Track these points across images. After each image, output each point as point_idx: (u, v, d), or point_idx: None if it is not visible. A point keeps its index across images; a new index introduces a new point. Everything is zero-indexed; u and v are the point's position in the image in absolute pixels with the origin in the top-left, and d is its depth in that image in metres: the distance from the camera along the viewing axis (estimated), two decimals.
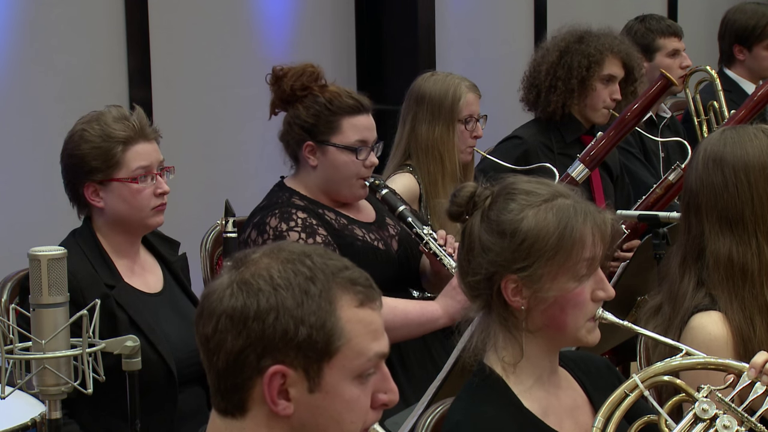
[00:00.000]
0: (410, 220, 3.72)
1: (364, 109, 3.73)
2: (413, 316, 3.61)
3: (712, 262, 2.84)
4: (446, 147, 4.31)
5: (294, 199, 3.72)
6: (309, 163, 3.72)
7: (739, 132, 2.91)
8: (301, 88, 3.70)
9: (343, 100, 3.69)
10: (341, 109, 3.69)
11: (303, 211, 3.67)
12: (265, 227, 3.64)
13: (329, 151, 3.70)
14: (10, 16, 4.80)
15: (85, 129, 3.40)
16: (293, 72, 3.72)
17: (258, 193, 5.50)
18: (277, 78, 3.73)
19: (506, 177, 2.55)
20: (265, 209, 3.72)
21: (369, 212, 3.88)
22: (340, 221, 3.74)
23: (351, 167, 3.70)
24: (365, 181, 3.74)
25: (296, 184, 3.78)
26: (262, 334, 1.90)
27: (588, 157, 4.33)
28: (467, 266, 2.49)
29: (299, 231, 3.61)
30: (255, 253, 1.97)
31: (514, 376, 2.48)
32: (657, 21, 5.58)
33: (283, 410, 1.93)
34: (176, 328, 3.46)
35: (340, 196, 3.77)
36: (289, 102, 3.73)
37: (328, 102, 3.68)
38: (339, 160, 3.70)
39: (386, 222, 3.87)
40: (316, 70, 3.73)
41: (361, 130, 3.71)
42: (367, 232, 3.78)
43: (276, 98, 3.76)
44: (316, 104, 3.69)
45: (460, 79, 4.40)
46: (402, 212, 3.74)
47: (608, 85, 4.71)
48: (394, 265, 3.79)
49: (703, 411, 2.37)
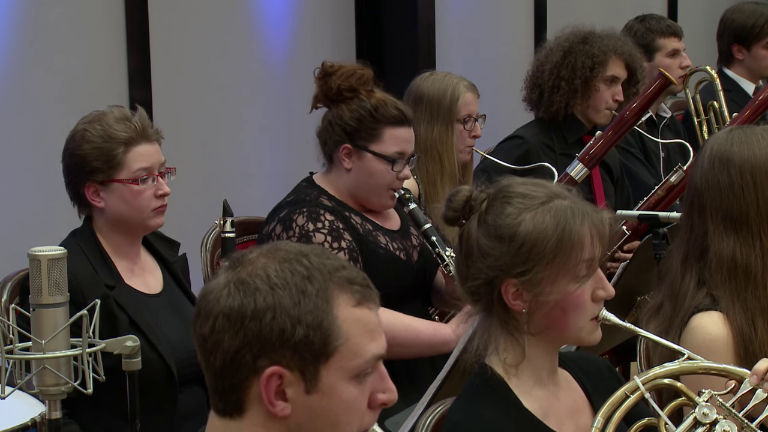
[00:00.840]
0: (434, 239, 3.70)
1: (406, 122, 3.72)
2: (425, 337, 3.60)
3: (715, 262, 2.83)
4: (445, 147, 4.31)
5: (322, 198, 3.71)
6: (344, 165, 3.70)
7: (746, 132, 2.89)
8: (349, 89, 3.68)
9: (389, 110, 3.68)
10: (385, 118, 3.67)
11: (331, 213, 3.65)
12: (292, 224, 3.63)
13: (366, 158, 3.68)
14: (10, 16, 4.80)
15: (86, 129, 3.40)
16: (343, 71, 3.69)
17: (257, 193, 5.51)
18: (327, 74, 3.70)
19: (501, 180, 2.54)
20: (292, 205, 3.70)
21: (395, 220, 3.86)
22: (366, 227, 3.73)
23: (385, 177, 3.69)
24: (395, 193, 3.73)
25: (326, 183, 3.76)
26: (259, 333, 1.90)
27: (587, 157, 4.33)
28: (466, 271, 2.48)
29: (326, 233, 3.60)
30: (252, 253, 1.97)
31: (516, 377, 2.48)
32: (657, 21, 5.58)
33: (280, 411, 1.93)
34: (176, 329, 3.46)
35: (368, 203, 3.76)
36: (334, 100, 3.71)
37: (373, 108, 3.66)
38: (374, 168, 3.68)
39: (410, 232, 3.85)
40: (366, 73, 3.71)
41: (401, 142, 3.69)
42: (391, 241, 3.76)
43: (321, 94, 3.73)
44: (361, 108, 3.67)
45: (459, 79, 4.40)
46: (427, 231, 3.72)
47: (611, 86, 4.71)
48: (412, 276, 3.79)
49: (703, 415, 2.37)
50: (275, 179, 5.76)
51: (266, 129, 5.82)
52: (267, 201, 5.25)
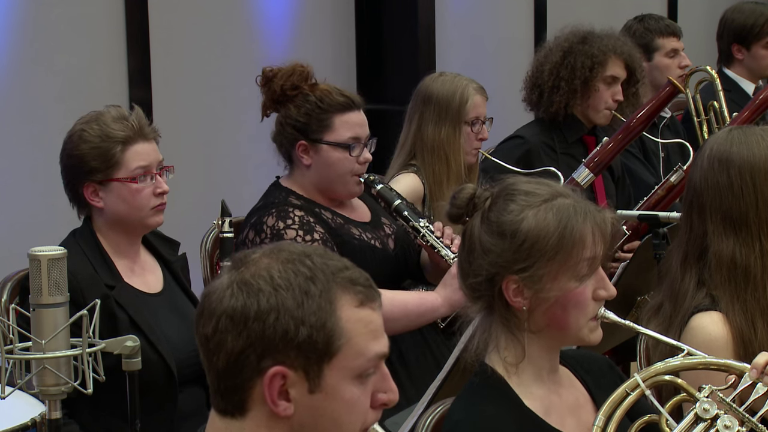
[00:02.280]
0: (406, 213, 3.72)
1: (355, 106, 3.72)
2: (412, 306, 3.62)
3: (714, 263, 2.83)
4: (452, 148, 4.31)
5: (291, 198, 3.72)
6: (303, 162, 3.72)
7: (746, 132, 2.89)
8: (292, 88, 3.70)
9: (334, 98, 3.69)
10: (332, 107, 3.69)
11: (300, 210, 3.67)
12: (263, 227, 3.64)
13: (322, 149, 3.70)
14: (10, 16, 4.80)
15: (84, 129, 3.40)
16: (283, 72, 3.71)
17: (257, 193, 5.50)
18: (267, 79, 3.73)
19: (506, 178, 2.55)
20: (261, 209, 3.72)
21: (364, 212, 3.88)
22: (337, 220, 3.74)
23: (345, 164, 3.70)
24: (360, 178, 3.74)
25: (292, 184, 3.78)
26: (263, 334, 1.90)
27: (593, 163, 4.33)
28: (468, 268, 2.49)
29: (296, 228, 3.62)
30: (255, 254, 1.97)
31: (516, 376, 2.48)
32: (656, 21, 5.57)
33: (283, 411, 1.93)
34: (176, 329, 3.46)
35: (335, 194, 3.76)
36: (280, 102, 3.74)
37: (318, 100, 3.68)
38: (332, 157, 3.69)
39: (382, 222, 3.86)
40: (306, 69, 3.73)
41: (353, 126, 3.70)
42: (364, 231, 3.78)
43: (267, 99, 3.76)
44: (306, 103, 3.69)
45: (468, 81, 4.40)
46: (398, 206, 3.74)
47: (611, 86, 4.71)
48: (391, 263, 3.79)
49: (704, 411, 2.37)
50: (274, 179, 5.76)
51: (266, 129, 5.80)
52: None
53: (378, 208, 3.87)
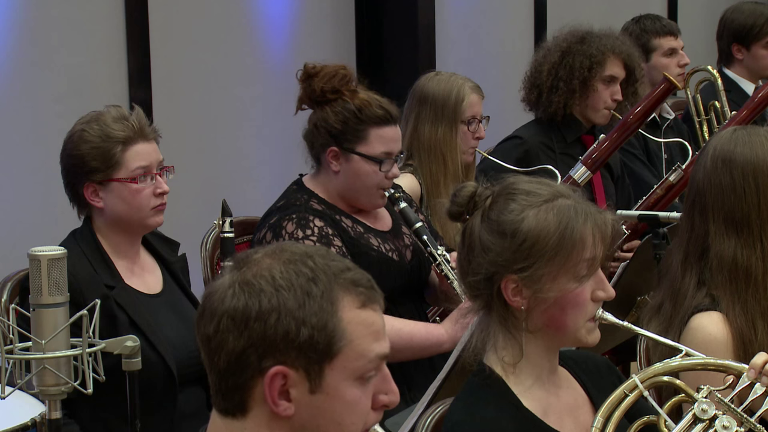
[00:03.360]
0: (425, 238, 3.69)
1: (392, 120, 3.68)
2: (418, 340, 3.59)
3: (715, 263, 2.83)
4: (449, 147, 4.30)
5: (312, 202, 3.69)
6: (331, 167, 3.68)
7: (750, 133, 2.89)
8: (332, 91, 3.65)
9: (373, 110, 3.64)
10: (370, 119, 3.64)
11: (320, 219, 3.63)
12: (281, 231, 3.61)
13: (353, 160, 3.66)
14: (10, 16, 4.80)
15: (84, 129, 3.40)
16: (325, 72, 3.66)
17: (257, 193, 5.51)
18: (309, 75, 3.67)
19: (507, 177, 2.55)
20: (282, 210, 3.68)
21: (386, 220, 3.85)
22: (357, 229, 3.72)
23: (373, 177, 3.66)
24: (385, 192, 3.72)
25: (315, 186, 3.74)
26: (264, 334, 1.90)
27: (590, 160, 4.33)
28: (467, 266, 2.49)
29: (315, 240, 3.58)
30: (257, 254, 1.97)
31: (514, 376, 2.48)
32: (652, 21, 5.57)
33: (284, 411, 1.93)
34: (176, 329, 3.46)
35: (358, 204, 3.74)
36: (317, 103, 3.68)
37: (357, 110, 3.63)
38: (362, 169, 3.66)
39: (402, 231, 3.83)
40: (349, 73, 3.68)
41: (388, 141, 3.66)
42: (383, 242, 3.75)
43: (304, 95, 3.70)
44: (345, 111, 3.64)
45: (464, 80, 4.39)
46: (418, 229, 3.71)
47: (609, 86, 4.71)
48: (405, 276, 3.77)
49: (702, 411, 2.37)
50: (274, 179, 5.76)
51: (266, 129, 5.82)
52: (266, 201, 5.25)
53: (400, 217, 3.84)
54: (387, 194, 3.72)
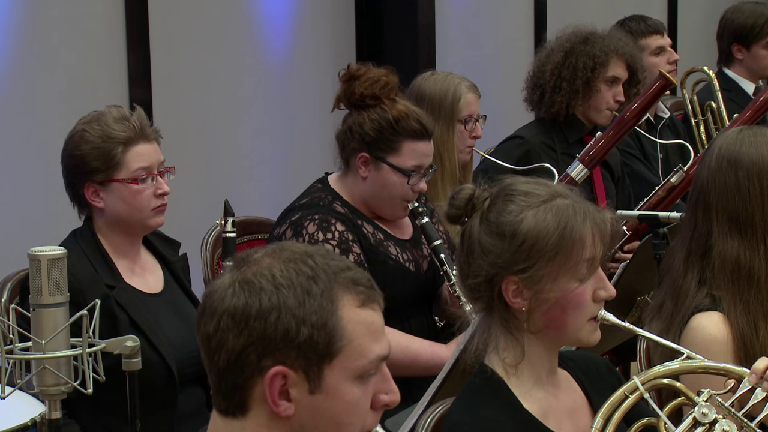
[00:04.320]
0: (443, 257, 3.67)
1: (427, 135, 3.68)
2: (422, 360, 3.60)
3: (718, 263, 2.83)
4: (446, 147, 4.30)
5: (335, 204, 3.69)
6: (359, 173, 3.68)
7: (756, 133, 2.88)
8: (372, 97, 3.64)
9: (410, 123, 3.63)
10: (405, 131, 3.63)
11: (342, 223, 3.63)
12: (302, 231, 3.61)
13: (383, 169, 3.65)
14: (10, 16, 4.80)
15: (85, 129, 3.40)
16: (368, 77, 3.65)
17: (258, 193, 5.51)
18: (351, 77, 3.67)
19: (504, 178, 2.54)
20: (305, 209, 3.68)
21: (407, 228, 3.84)
22: (377, 236, 3.71)
23: (399, 189, 3.66)
24: (409, 204, 3.71)
25: (341, 187, 3.74)
26: (264, 333, 1.90)
27: (587, 157, 4.33)
28: (467, 269, 2.48)
29: (335, 245, 3.57)
30: (257, 253, 1.98)
31: (515, 378, 2.48)
32: (637, 22, 5.56)
33: (284, 411, 1.93)
34: (176, 329, 3.46)
35: (380, 212, 3.74)
36: (355, 106, 3.67)
37: (394, 121, 3.62)
38: (390, 180, 3.66)
39: (421, 241, 3.81)
40: (392, 81, 3.67)
41: (420, 156, 3.66)
42: (401, 252, 3.74)
43: (343, 96, 3.69)
44: (382, 119, 3.63)
45: (460, 79, 4.39)
46: (437, 247, 3.68)
47: (612, 87, 4.71)
48: (420, 286, 3.77)
49: (702, 415, 2.37)
50: (275, 179, 5.76)
51: (266, 129, 5.82)
52: (267, 201, 5.26)
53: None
54: (410, 207, 3.72)
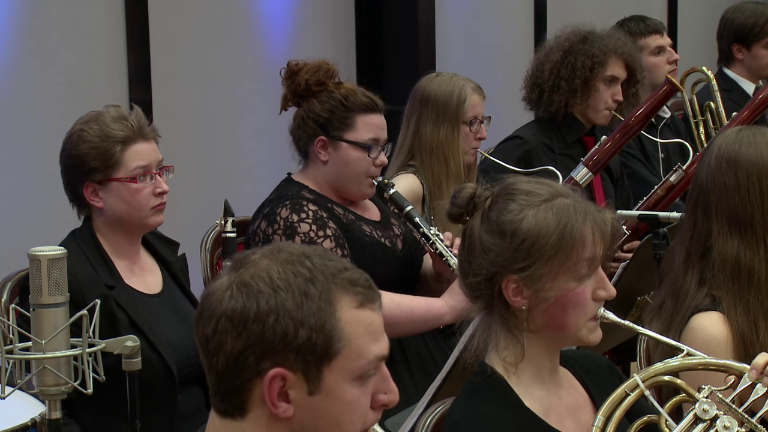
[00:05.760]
0: (417, 220, 3.75)
1: (377, 108, 3.77)
2: (418, 312, 3.65)
3: (718, 263, 2.83)
4: (451, 148, 4.31)
5: (304, 192, 3.74)
6: (320, 158, 3.74)
7: (755, 133, 2.88)
8: (317, 83, 3.73)
9: (359, 98, 3.72)
10: (356, 106, 3.72)
11: (314, 204, 3.68)
12: (276, 218, 3.66)
13: (342, 147, 3.72)
14: (10, 16, 4.80)
15: (83, 129, 3.40)
16: (309, 67, 3.74)
17: (258, 193, 5.50)
18: (292, 72, 3.76)
19: (506, 177, 2.55)
20: (275, 201, 3.73)
21: (374, 211, 3.90)
22: (348, 216, 3.76)
23: (362, 164, 3.72)
24: (374, 180, 3.75)
25: (305, 179, 3.79)
26: (262, 335, 1.90)
27: (591, 161, 4.33)
28: (468, 267, 2.49)
29: (310, 223, 3.64)
30: (254, 255, 1.97)
31: (516, 376, 2.48)
32: (636, 22, 5.56)
33: (283, 412, 1.93)
34: (176, 329, 3.46)
35: (348, 194, 3.78)
36: (303, 97, 3.75)
37: (343, 98, 3.71)
38: (351, 156, 3.72)
39: (391, 222, 3.88)
40: (332, 67, 3.76)
41: (375, 128, 3.74)
42: (374, 230, 3.80)
43: (289, 92, 3.78)
44: (331, 99, 3.71)
45: (465, 81, 4.40)
46: (409, 212, 3.77)
47: (611, 86, 4.71)
48: (399, 263, 3.81)
49: (703, 411, 2.37)
50: (274, 179, 5.73)
51: (266, 129, 5.82)
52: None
53: (387, 210, 3.90)
54: (375, 182, 3.75)
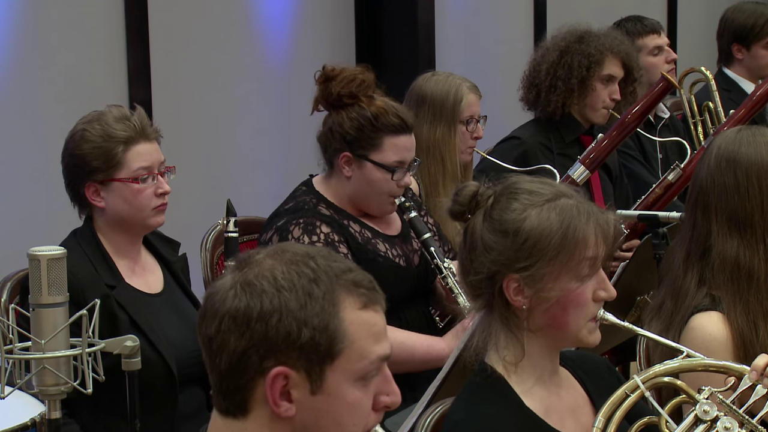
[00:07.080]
0: (433, 250, 3.69)
1: (407, 129, 3.69)
2: (419, 354, 3.61)
3: (718, 263, 2.83)
4: (447, 148, 4.30)
5: (321, 206, 3.69)
6: (343, 172, 3.69)
7: (754, 133, 2.88)
8: (349, 96, 3.65)
9: (389, 118, 3.64)
10: (386, 127, 3.64)
11: (328, 225, 3.63)
12: (288, 236, 3.61)
13: (366, 166, 3.66)
14: (10, 16, 4.80)
15: (86, 129, 3.40)
16: (343, 76, 3.66)
17: (258, 192, 5.51)
18: (327, 78, 3.67)
19: (509, 176, 2.55)
20: (290, 213, 3.68)
21: (395, 224, 3.85)
22: (365, 234, 3.72)
23: (384, 185, 3.67)
24: (395, 200, 3.72)
25: (325, 189, 3.75)
26: (265, 335, 1.90)
27: (588, 159, 4.33)
28: (469, 265, 2.49)
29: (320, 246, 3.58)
30: (258, 254, 1.97)
31: (516, 376, 2.48)
32: (633, 23, 5.56)
33: (285, 412, 1.93)
34: (176, 329, 3.46)
35: (368, 210, 3.75)
36: (333, 106, 3.68)
37: (373, 117, 3.63)
38: (374, 176, 3.67)
39: (411, 235, 3.83)
40: (367, 78, 3.68)
41: (401, 150, 3.67)
42: (390, 247, 3.75)
43: (321, 97, 3.70)
44: (361, 117, 3.64)
45: (462, 80, 4.39)
46: (426, 240, 3.71)
47: (608, 85, 4.71)
48: (413, 281, 3.78)
49: (704, 412, 2.37)
50: (275, 179, 5.76)
51: (266, 128, 5.82)
52: (267, 201, 5.25)
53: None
54: (397, 202, 3.72)
